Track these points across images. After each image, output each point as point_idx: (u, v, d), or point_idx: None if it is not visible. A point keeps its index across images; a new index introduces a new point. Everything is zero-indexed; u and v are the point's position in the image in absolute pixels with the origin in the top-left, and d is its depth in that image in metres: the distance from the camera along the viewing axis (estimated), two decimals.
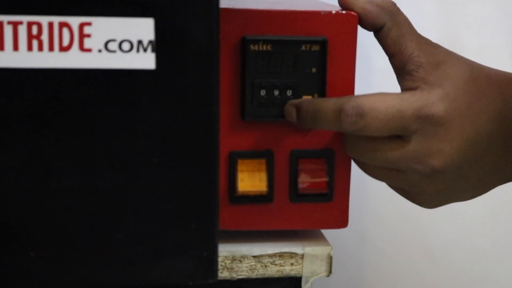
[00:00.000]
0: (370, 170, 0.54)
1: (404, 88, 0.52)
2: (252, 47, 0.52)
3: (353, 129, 0.49)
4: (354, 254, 0.95)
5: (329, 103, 0.50)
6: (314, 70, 0.53)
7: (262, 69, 0.52)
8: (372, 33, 0.54)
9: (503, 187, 0.89)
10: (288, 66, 0.52)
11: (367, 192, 0.92)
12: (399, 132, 0.50)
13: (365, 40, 0.57)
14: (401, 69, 0.52)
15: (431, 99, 0.49)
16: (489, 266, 0.97)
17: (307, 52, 0.52)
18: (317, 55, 0.52)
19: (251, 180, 0.54)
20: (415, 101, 0.49)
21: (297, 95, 0.53)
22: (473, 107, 0.50)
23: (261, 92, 0.53)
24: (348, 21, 0.53)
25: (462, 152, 0.50)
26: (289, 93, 0.53)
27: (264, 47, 0.52)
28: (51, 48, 0.42)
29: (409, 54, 0.52)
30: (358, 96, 0.49)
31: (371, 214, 0.94)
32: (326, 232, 0.59)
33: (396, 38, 0.52)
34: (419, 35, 0.53)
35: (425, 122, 0.49)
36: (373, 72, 0.79)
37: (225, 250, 0.55)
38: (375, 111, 0.49)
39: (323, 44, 0.52)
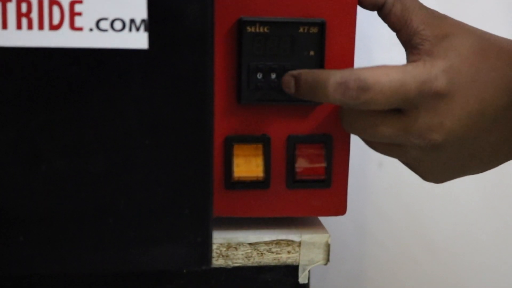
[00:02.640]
0: (372, 144, 0.53)
1: (409, 61, 0.51)
2: (248, 28, 0.51)
3: (355, 103, 0.48)
4: (353, 246, 0.95)
5: (330, 75, 0.48)
6: (312, 53, 0.52)
7: (258, 51, 0.51)
8: (372, 24, 0.55)
9: (505, 181, 0.89)
10: (286, 48, 0.52)
11: (367, 183, 0.92)
12: (400, 106, 0.49)
13: (366, 30, 0.56)
14: (408, 44, 0.51)
15: (434, 72, 0.48)
16: (489, 258, 0.97)
17: (305, 34, 0.52)
18: (315, 38, 0.52)
19: (247, 165, 0.53)
20: (418, 74, 0.48)
21: None
22: (479, 80, 0.49)
23: (258, 75, 0.52)
24: (347, 2, 0.52)
25: (464, 125, 0.49)
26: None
27: (261, 29, 0.51)
28: (41, 27, 0.42)
29: (414, 28, 0.51)
30: (361, 69, 0.48)
31: (371, 206, 0.94)
32: (325, 223, 0.58)
33: (400, 13, 0.52)
34: (424, 7, 0.52)
35: (428, 96, 0.48)
36: (374, 64, 0.79)
37: (220, 237, 0.54)
38: (379, 84, 0.47)
39: (322, 26, 0.52)
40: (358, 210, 0.92)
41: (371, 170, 0.80)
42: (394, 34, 0.53)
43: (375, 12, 0.54)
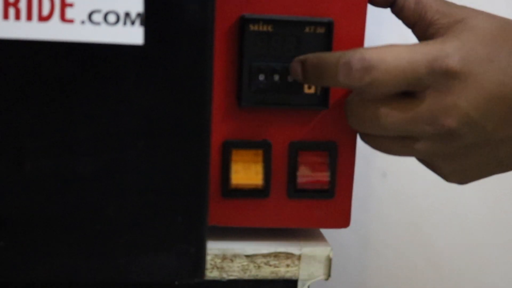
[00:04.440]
0: (382, 144, 0.50)
1: None
2: (251, 27, 0.49)
3: (360, 85, 0.46)
4: (355, 257, 0.94)
5: (333, 56, 0.46)
6: None
7: (261, 51, 0.50)
8: (379, 24, 0.54)
9: (509, 194, 0.89)
10: (290, 49, 0.50)
11: (370, 193, 0.90)
12: (410, 87, 0.46)
13: (372, 27, 0.54)
14: (423, 37, 0.50)
15: (446, 50, 0.46)
16: (493, 272, 0.96)
17: (311, 35, 0.50)
18: (322, 38, 0.50)
19: (246, 172, 0.51)
20: (428, 51, 0.46)
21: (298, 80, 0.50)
22: (497, 61, 0.46)
23: (260, 77, 0.50)
24: (356, 2, 0.50)
25: (481, 110, 0.46)
26: (290, 78, 0.50)
27: (265, 28, 0.50)
28: (29, 17, 0.40)
29: (429, 20, 0.49)
30: (365, 48, 0.46)
31: (373, 217, 0.93)
32: (325, 233, 0.57)
33: (414, 7, 0.50)
34: None
35: (439, 75, 0.45)
36: None
37: (215, 247, 0.52)
38: (384, 63, 0.45)
39: (329, 26, 0.50)
40: (360, 221, 0.92)
41: (374, 180, 0.79)
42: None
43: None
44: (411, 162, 0.51)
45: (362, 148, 0.54)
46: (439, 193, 0.92)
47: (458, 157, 0.49)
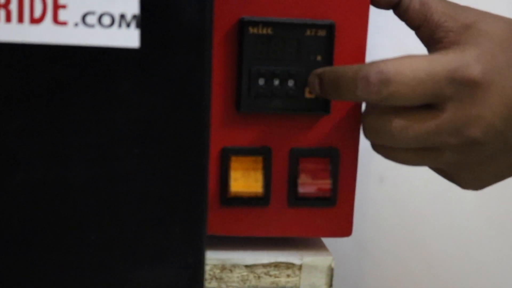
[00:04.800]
0: (399, 156, 0.49)
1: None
2: (250, 29, 0.49)
3: (378, 99, 0.45)
4: (351, 262, 0.95)
5: (351, 70, 0.46)
6: (319, 57, 0.50)
7: (261, 55, 0.49)
8: (379, 26, 0.53)
9: (506, 200, 0.89)
10: (291, 52, 0.50)
11: (367, 199, 0.91)
12: (430, 100, 0.46)
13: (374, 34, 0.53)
14: (430, 40, 0.49)
15: (466, 59, 0.45)
16: (491, 278, 0.96)
17: (312, 38, 0.49)
18: (323, 41, 0.49)
19: (245, 180, 0.51)
20: (448, 62, 0.45)
21: (299, 85, 0.50)
22: None
23: (259, 81, 0.50)
24: (359, 4, 0.50)
25: (505, 117, 0.45)
26: (290, 83, 0.50)
27: (264, 30, 0.49)
28: (20, 20, 0.39)
29: (436, 22, 0.48)
30: (382, 61, 0.45)
31: (371, 223, 0.93)
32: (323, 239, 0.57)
33: (419, 9, 0.49)
34: (445, 0, 0.50)
35: (461, 86, 0.45)
36: None
37: (214, 257, 0.52)
38: (402, 75, 0.44)
39: (330, 29, 0.49)
40: (357, 226, 0.91)
41: (371, 185, 0.78)
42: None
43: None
44: (408, 167, 0.51)
45: (359, 153, 0.53)
46: (437, 198, 0.92)
47: (479, 166, 0.48)
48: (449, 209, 0.92)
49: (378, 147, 0.50)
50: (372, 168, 0.52)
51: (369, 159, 0.77)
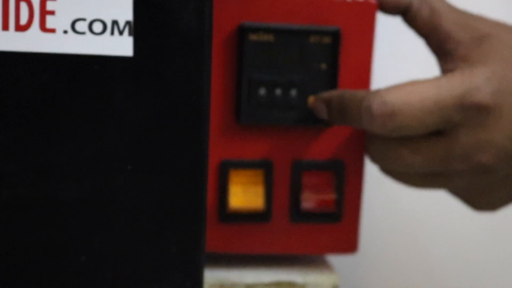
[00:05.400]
0: (409, 180, 0.49)
1: (443, 72, 0.48)
2: (251, 36, 0.48)
3: (385, 131, 0.45)
4: (348, 268, 0.95)
5: (356, 98, 0.46)
6: (323, 66, 0.49)
7: (262, 63, 0.49)
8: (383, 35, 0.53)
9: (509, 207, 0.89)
10: (293, 60, 0.49)
11: (363, 202, 0.92)
12: (439, 127, 0.45)
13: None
14: (439, 51, 0.48)
15: (474, 82, 0.45)
16: (490, 283, 0.95)
17: (316, 45, 0.49)
18: (328, 49, 0.49)
19: (245, 194, 0.50)
20: (456, 86, 0.45)
21: (302, 95, 0.49)
22: None
23: (260, 91, 0.49)
24: (365, 10, 0.49)
25: None
26: (293, 92, 0.49)
27: (265, 37, 0.49)
28: (5, 27, 0.39)
29: (445, 32, 0.48)
30: (386, 90, 0.45)
31: (366, 226, 0.93)
32: None
33: (428, 16, 0.48)
34: (455, 8, 0.49)
35: (470, 111, 0.44)
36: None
37: (212, 276, 0.51)
38: (408, 106, 0.44)
39: (336, 35, 0.49)
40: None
41: (368, 189, 0.80)
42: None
43: None
44: None
45: None
46: (436, 202, 0.93)
47: (491, 189, 0.48)
48: (449, 213, 0.91)
49: (386, 171, 0.50)
50: (368, 173, 0.52)
51: (366, 162, 0.79)
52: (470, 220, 0.91)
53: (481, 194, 0.49)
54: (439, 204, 0.92)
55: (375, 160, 0.49)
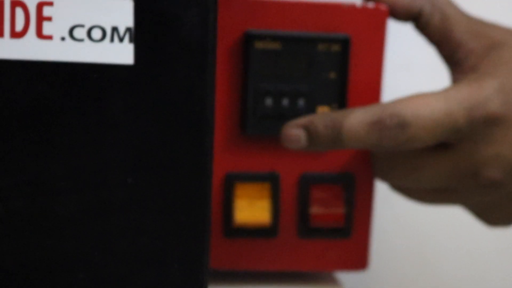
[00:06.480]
0: (417, 195, 0.50)
1: (454, 81, 0.48)
2: (257, 44, 0.48)
3: (395, 144, 0.45)
4: (355, 286, 0.93)
5: (356, 116, 0.45)
6: (332, 75, 0.49)
7: (268, 72, 0.49)
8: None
9: None
10: (301, 69, 0.49)
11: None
12: (448, 139, 0.46)
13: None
14: (451, 59, 0.48)
15: (483, 94, 0.45)
16: (492, 279, 0.95)
17: (325, 53, 0.49)
18: (336, 57, 0.49)
19: (251, 209, 0.50)
20: (465, 99, 0.45)
21: (310, 105, 0.49)
22: None
23: (267, 101, 0.49)
24: (376, 16, 0.49)
25: None
26: (301, 102, 0.49)
27: (272, 45, 0.49)
28: (0, 34, 0.38)
29: (457, 40, 0.48)
30: (395, 102, 0.45)
31: (374, 243, 0.93)
32: None
33: (440, 23, 0.48)
34: (468, 16, 0.49)
35: (479, 124, 0.45)
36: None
37: None
38: (420, 118, 0.44)
39: (345, 43, 0.49)
40: None
41: (376, 206, 0.81)
42: None
43: None
44: None
45: None
46: (445, 219, 0.93)
47: (503, 204, 0.48)
48: (459, 230, 0.91)
49: (395, 187, 0.50)
50: (377, 187, 0.52)
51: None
52: (480, 237, 0.92)
53: (493, 209, 0.49)
54: (450, 221, 0.92)
55: (383, 178, 0.49)
